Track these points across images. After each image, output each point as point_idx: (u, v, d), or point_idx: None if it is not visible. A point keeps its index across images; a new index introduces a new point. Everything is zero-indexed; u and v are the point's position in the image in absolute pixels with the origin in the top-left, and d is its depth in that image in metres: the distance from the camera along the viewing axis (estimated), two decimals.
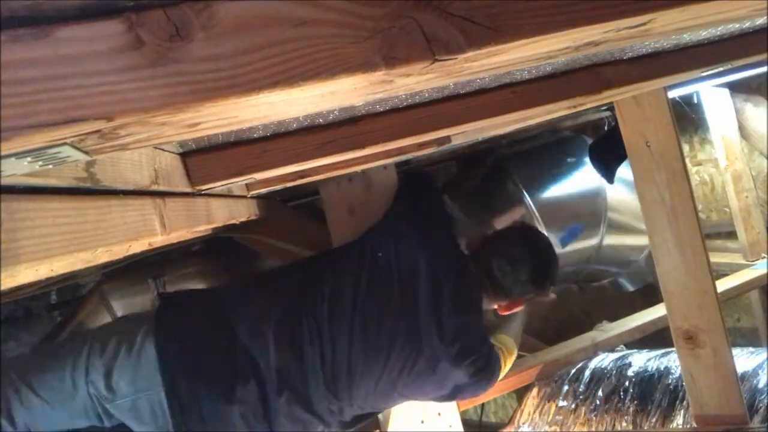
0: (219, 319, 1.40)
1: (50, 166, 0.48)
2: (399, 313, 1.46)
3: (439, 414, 1.99)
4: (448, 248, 1.56)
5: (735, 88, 2.77)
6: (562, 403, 2.26)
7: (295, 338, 1.41)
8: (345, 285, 1.49)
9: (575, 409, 2.21)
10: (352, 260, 1.55)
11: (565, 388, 2.30)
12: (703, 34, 1.17)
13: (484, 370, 1.52)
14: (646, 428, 1.97)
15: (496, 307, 1.65)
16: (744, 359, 1.94)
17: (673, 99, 2.46)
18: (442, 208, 1.71)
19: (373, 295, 1.47)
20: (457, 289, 1.49)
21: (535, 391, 2.40)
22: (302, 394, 1.40)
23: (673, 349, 1.65)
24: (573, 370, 2.35)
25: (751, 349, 2.05)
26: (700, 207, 3.33)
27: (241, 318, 1.40)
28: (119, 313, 2.11)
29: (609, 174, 2.13)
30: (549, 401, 2.31)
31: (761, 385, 1.78)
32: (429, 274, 1.47)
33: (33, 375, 1.30)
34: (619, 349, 2.47)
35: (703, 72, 1.43)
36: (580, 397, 2.23)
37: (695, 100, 2.85)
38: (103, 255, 0.71)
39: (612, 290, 3.14)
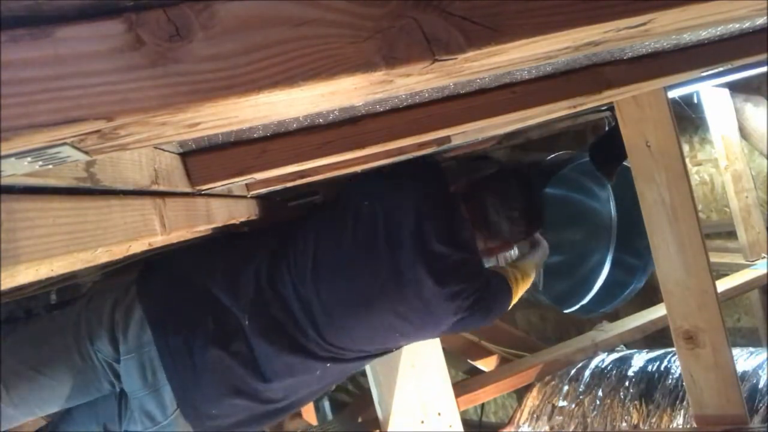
0: (199, 278, 1.40)
1: (50, 166, 0.48)
2: (385, 255, 1.45)
3: (439, 414, 1.99)
4: (435, 190, 1.55)
5: (735, 88, 2.77)
6: (562, 403, 2.27)
7: (277, 290, 1.40)
8: (329, 233, 1.48)
9: (575, 409, 2.21)
10: (335, 210, 1.55)
11: (565, 388, 2.30)
12: (703, 34, 1.17)
13: (482, 302, 1.52)
14: (646, 428, 1.97)
15: (485, 248, 1.66)
16: (744, 359, 1.94)
17: (673, 99, 2.47)
18: (425, 160, 1.71)
19: (358, 241, 1.46)
20: (446, 229, 1.48)
21: (535, 391, 2.40)
22: (292, 342, 1.39)
23: (673, 349, 1.65)
24: (573, 370, 2.36)
25: (751, 349, 2.05)
26: (700, 207, 3.33)
27: (226, 285, 1.39)
28: None
29: (609, 174, 2.13)
30: (549, 401, 2.31)
31: (761, 385, 1.79)
32: (415, 216, 1.46)
33: (34, 357, 1.29)
34: (619, 349, 2.47)
35: (703, 72, 1.43)
36: (580, 397, 2.23)
37: (695, 100, 2.85)
38: (103, 255, 0.71)
39: None
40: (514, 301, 1.65)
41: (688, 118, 3.09)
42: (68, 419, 1.43)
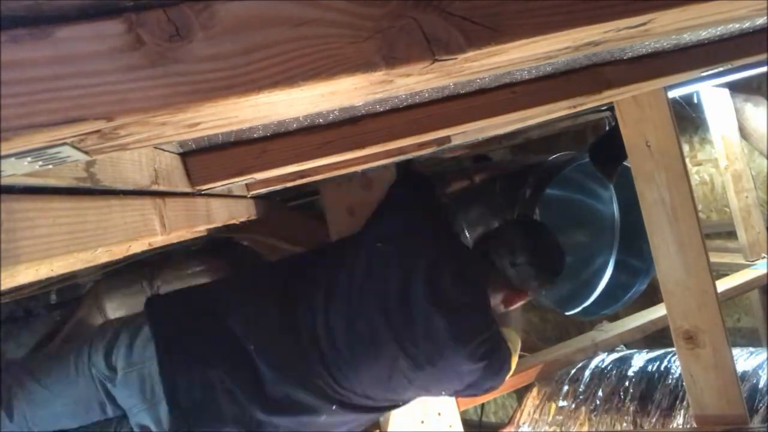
0: (212, 311, 1.42)
1: (50, 166, 0.48)
2: (397, 295, 1.45)
3: (439, 414, 1.98)
4: (447, 239, 1.57)
5: (735, 88, 2.77)
6: (562, 403, 2.26)
7: (291, 329, 1.42)
8: (341, 276, 1.50)
9: (575, 410, 2.21)
10: (348, 253, 1.56)
11: (565, 388, 2.30)
12: (703, 34, 1.17)
13: (493, 354, 1.50)
14: (646, 428, 1.97)
15: (501, 298, 1.63)
16: (744, 359, 1.94)
17: (673, 99, 2.46)
18: (436, 200, 1.71)
19: (370, 287, 1.47)
20: (458, 278, 1.48)
21: (535, 391, 2.40)
22: (299, 375, 1.40)
23: (673, 349, 1.65)
24: (573, 370, 2.35)
25: (751, 349, 2.05)
26: (700, 207, 3.33)
27: (234, 312, 1.41)
28: (111, 314, 2.12)
29: (609, 174, 2.13)
30: (549, 401, 2.31)
31: (761, 385, 1.78)
32: (429, 260, 1.48)
33: (37, 367, 1.33)
34: (619, 349, 2.47)
35: (703, 72, 1.43)
36: (580, 397, 2.23)
37: (695, 100, 2.85)
38: (103, 255, 0.71)
39: None
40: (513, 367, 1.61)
41: (688, 118, 3.09)
42: None
